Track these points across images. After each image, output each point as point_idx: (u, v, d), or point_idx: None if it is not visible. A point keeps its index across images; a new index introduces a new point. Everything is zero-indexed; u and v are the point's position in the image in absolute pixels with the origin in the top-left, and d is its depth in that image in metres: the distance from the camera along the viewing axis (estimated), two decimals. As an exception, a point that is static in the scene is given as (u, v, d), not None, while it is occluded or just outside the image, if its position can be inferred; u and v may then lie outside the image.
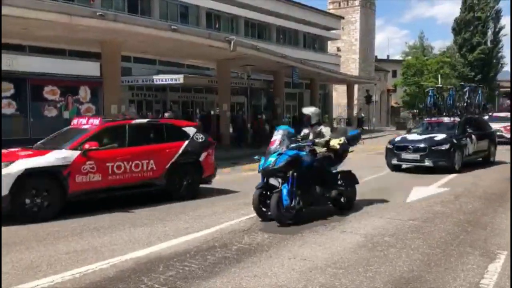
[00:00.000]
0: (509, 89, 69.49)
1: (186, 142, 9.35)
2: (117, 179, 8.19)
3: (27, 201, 7.24)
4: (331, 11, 50.35)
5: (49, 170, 7.53)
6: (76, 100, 23.65)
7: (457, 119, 14.61)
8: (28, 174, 7.26)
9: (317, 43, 41.57)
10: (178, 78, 24.27)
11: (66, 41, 18.27)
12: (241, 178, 12.90)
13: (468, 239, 6.05)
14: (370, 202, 8.63)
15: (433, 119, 15.35)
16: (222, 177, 12.96)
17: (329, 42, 44.99)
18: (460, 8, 59.02)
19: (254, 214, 7.54)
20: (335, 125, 38.15)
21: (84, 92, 23.90)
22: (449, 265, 5.02)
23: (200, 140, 9.69)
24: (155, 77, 25.00)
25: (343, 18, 47.49)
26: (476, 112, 17.30)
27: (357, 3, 52.92)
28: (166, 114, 19.28)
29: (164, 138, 9.20)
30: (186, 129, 9.66)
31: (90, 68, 23.05)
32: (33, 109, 21.93)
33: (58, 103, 22.91)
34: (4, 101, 19.17)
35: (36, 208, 7.33)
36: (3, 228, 6.48)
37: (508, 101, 64.09)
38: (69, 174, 7.63)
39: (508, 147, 17.17)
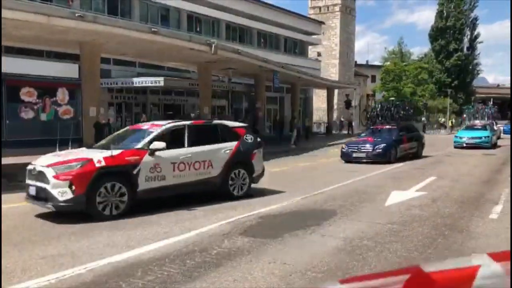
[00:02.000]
0: (484, 96, 71.12)
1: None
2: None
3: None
4: (311, 16, 50.81)
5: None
6: (54, 102, 23.30)
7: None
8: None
9: (298, 48, 41.84)
10: (158, 81, 24.11)
11: (44, 42, 17.97)
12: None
13: (445, 243, 6.14)
14: (349, 206, 8.71)
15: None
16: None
17: (309, 47, 45.32)
18: (435, 16, 60.27)
19: (234, 218, 7.53)
20: (315, 129, 38.38)
21: (62, 94, 23.57)
22: (427, 268, 5.09)
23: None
24: (135, 79, 24.79)
25: (323, 23, 47.97)
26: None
27: (337, 8, 53.55)
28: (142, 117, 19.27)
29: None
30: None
31: (68, 70, 22.74)
32: (9, 110, 21.50)
33: (35, 105, 22.53)
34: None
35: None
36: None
37: (482, 106, 65.57)
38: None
39: None
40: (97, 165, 7.48)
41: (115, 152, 7.83)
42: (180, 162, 8.50)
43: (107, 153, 7.76)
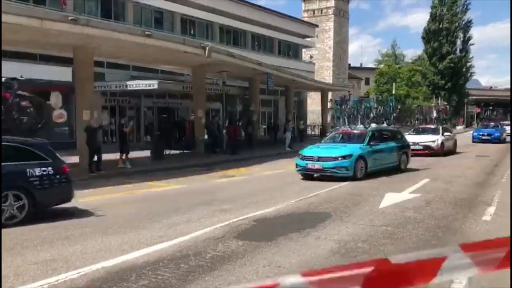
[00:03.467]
0: (478, 98, 71.53)
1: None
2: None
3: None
4: (305, 19, 50.96)
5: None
6: (47, 105, 23.13)
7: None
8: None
9: (292, 51, 41.93)
10: (152, 84, 24.06)
11: (37, 46, 17.88)
12: (215, 185, 12.84)
13: (439, 245, 6.15)
14: (343, 208, 8.72)
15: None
16: (196, 184, 12.90)
17: (303, 50, 45.43)
18: (429, 19, 60.62)
19: (228, 221, 7.52)
20: (309, 131, 38.38)
21: (55, 98, 23.41)
22: (421, 270, 5.10)
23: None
24: (129, 82, 24.72)
25: (317, 26, 48.14)
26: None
27: (330, 11, 53.76)
28: (123, 121, 19.39)
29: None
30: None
31: (62, 73, 22.64)
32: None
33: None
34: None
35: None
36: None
37: (477, 110, 65.99)
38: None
39: None
40: None
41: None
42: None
43: None
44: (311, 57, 49.81)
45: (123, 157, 16.40)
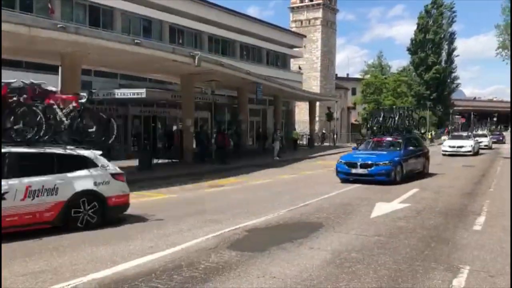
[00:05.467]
0: (462, 108, 72.62)
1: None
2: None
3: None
4: (293, 29, 51.28)
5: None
6: (33, 113, 22.79)
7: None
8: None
9: (280, 61, 42.13)
10: (140, 93, 23.87)
11: (24, 53, 17.65)
12: (205, 194, 12.74)
13: (432, 255, 6.16)
14: (335, 218, 8.70)
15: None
16: (185, 194, 12.79)
17: (291, 60, 45.66)
18: (415, 30, 61.58)
19: (220, 232, 7.45)
20: (298, 141, 38.44)
21: (42, 106, 23.08)
22: (416, 280, 5.09)
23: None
24: (116, 91, 24.46)
25: (305, 36, 48.46)
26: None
27: (318, 22, 54.16)
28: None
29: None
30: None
31: (49, 81, 22.32)
32: (-14, 122, 20.95)
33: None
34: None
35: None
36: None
37: (462, 120, 66.92)
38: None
39: None
40: None
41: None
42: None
43: None
44: (299, 67, 50.05)
45: None
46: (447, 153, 28.49)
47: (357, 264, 5.69)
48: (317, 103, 45.51)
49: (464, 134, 33.35)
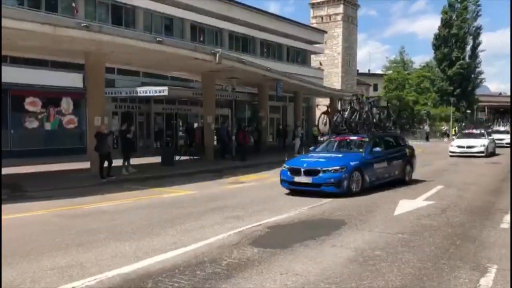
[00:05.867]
0: (487, 104, 71.05)
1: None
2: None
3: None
4: (314, 25, 50.93)
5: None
6: (58, 111, 23.35)
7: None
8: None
9: (300, 57, 41.93)
10: (162, 90, 24.13)
11: (49, 52, 17.99)
12: (226, 191, 12.79)
13: (458, 253, 6.05)
14: (357, 215, 8.63)
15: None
16: (206, 190, 12.86)
17: (312, 56, 45.39)
18: (439, 25, 60.43)
19: (242, 228, 7.46)
20: (320, 138, 38.14)
21: (67, 104, 23.62)
22: (442, 279, 5.00)
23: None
24: (139, 88, 24.81)
25: (326, 32, 48.09)
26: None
27: (339, 18, 53.72)
28: (123, 127, 17.84)
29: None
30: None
31: (73, 80, 22.81)
32: (13, 120, 21.53)
33: (40, 114, 22.56)
34: (-17, 112, 18.80)
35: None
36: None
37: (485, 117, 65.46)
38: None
39: None
40: None
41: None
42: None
43: None
44: (320, 63, 49.72)
45: (125, 163, 16.37)
46: (454, 154, 23.84)
47: (381, 262, 5.63)
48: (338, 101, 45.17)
49: (477, 131, 27.73)
